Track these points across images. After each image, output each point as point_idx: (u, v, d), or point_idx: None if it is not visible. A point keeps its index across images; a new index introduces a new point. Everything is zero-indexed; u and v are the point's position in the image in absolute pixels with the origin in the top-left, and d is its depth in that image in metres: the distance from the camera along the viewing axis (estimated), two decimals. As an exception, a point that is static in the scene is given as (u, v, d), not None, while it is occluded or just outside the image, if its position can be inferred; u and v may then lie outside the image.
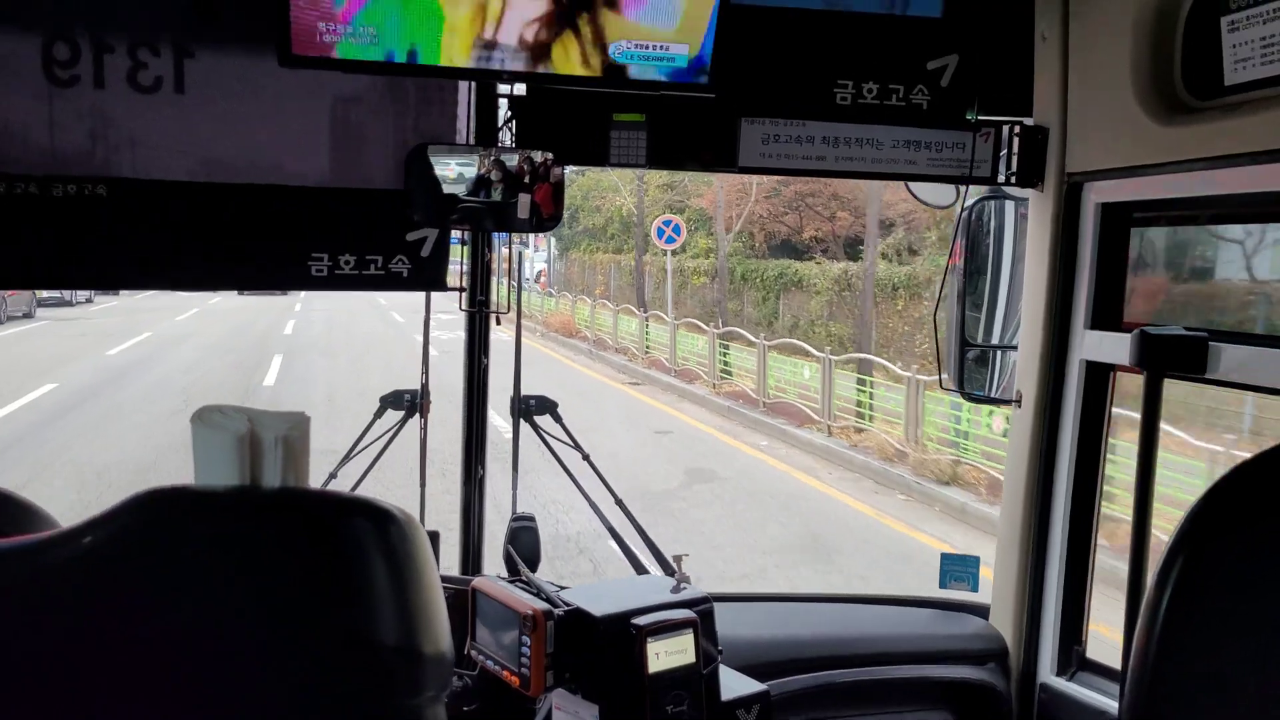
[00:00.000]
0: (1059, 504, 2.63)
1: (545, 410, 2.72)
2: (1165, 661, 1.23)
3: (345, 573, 0.86)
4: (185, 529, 0.86)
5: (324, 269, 2.52)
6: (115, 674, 0.83)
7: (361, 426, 2.68)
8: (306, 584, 0.86)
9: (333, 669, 0.86)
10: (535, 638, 1.93)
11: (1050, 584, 2.65)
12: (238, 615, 0.85)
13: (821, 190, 26.16)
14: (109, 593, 0.84)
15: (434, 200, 2.35)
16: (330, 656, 0.86)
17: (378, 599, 0.87)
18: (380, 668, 0.87)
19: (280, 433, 0.88)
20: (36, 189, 2.30)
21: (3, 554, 0.86)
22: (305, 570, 0.86)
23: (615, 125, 2.50)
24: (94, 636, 0.83)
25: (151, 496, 0.86)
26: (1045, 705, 2.65)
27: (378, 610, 0.87)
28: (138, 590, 0.84)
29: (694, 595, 2.10)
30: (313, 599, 0.86)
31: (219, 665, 0.85)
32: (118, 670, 0.83)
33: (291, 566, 0.86)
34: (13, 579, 0.84)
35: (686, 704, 1.96)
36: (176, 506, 0.87)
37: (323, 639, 0.86)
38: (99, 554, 0.84)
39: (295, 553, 0.87)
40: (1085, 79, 2.46)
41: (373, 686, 0.87)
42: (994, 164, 2.65)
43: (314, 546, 0.87)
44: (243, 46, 2.36)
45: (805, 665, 2.56)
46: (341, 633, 0.86)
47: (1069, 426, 2.59)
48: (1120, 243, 2.51)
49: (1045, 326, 2.59)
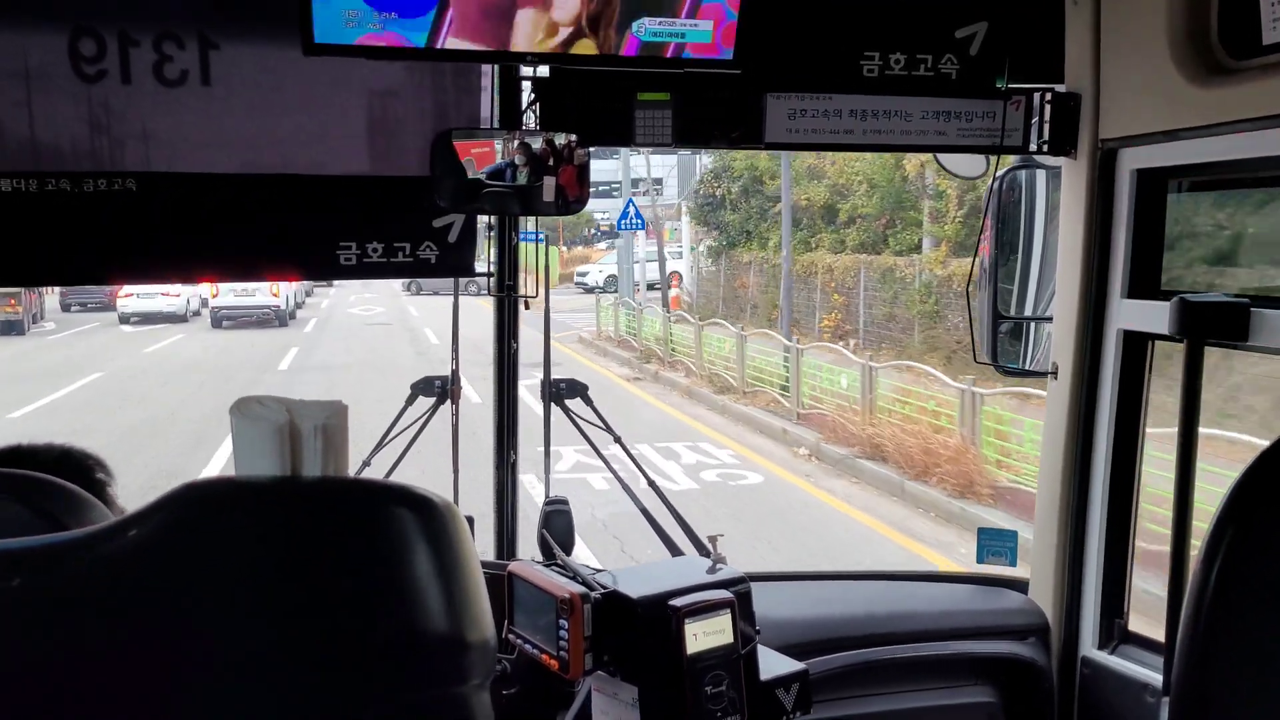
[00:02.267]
0: (1098, 475, 2.60)
1: (576, 394, 2.72)
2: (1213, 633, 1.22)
3: (388, 561, 0.86)
4: (227, 520, 0.86)
5: (352, 257, 2.53)
6: (162, 665, 0.84)
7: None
8: (349, 573, 0.86)
9: (378, 658, 0.86)
10: (573, 621, 1.94)
11: (1090, 557, 2.62)
12: (281, 605, 0.85)
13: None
14: (154, 584, 0.84)
15: (459, 186, 2.35)
16: (375, 645, 0.86)
17: (421, 587, 0.87)
18: (426, 656, 0.87)
19: (319, 422, 0.87)
20: (68, 185, 2.31)
21: (54, 549, 0.87)
22: (348, 559, 0.86)
23: (640, 105, 2.48)
24: (141, 628, 0.84)
25: (194, 488, 0.86)
26: (1087, 679, 2.63)
27: (421, 598, 0.87)
28: (182, 581, 0.84)
29: (731, 575, 2.09)
30: (356, 588, 0.86)
31: (264, 655, 0.85)
32: (164, 661, 0.84)
33: (334, 556, 0.86)
34: (63, 573, 0.85)
35: (725, 684, 1.96)
36: (219, 497, 0.87)
37: (367, 628, 0.86)
38: (144, 546, 0.84)
39: (337, 542, 0.86)
40: (1118, 42, 2.41)
41: (419, 675, 0.87)
42: (1025, 133, 2.61)
43: (356, 536, 0.87)
44: (266, 37, 2.36)
45: (844, 644, 2.55)
46: (386, 621, 0.86)
47: (1107, 397, 2.55)
48: (1157, 209, 2.46)
49: (1081, 297, 2.55)
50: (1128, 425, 2.55)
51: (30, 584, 0.84)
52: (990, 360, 2.78)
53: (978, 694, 2.69)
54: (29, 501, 1.11)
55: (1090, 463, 2.61)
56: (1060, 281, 2.64)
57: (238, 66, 2.37)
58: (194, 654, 0.84)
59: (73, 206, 2.32)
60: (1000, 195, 2.72)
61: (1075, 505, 2.63)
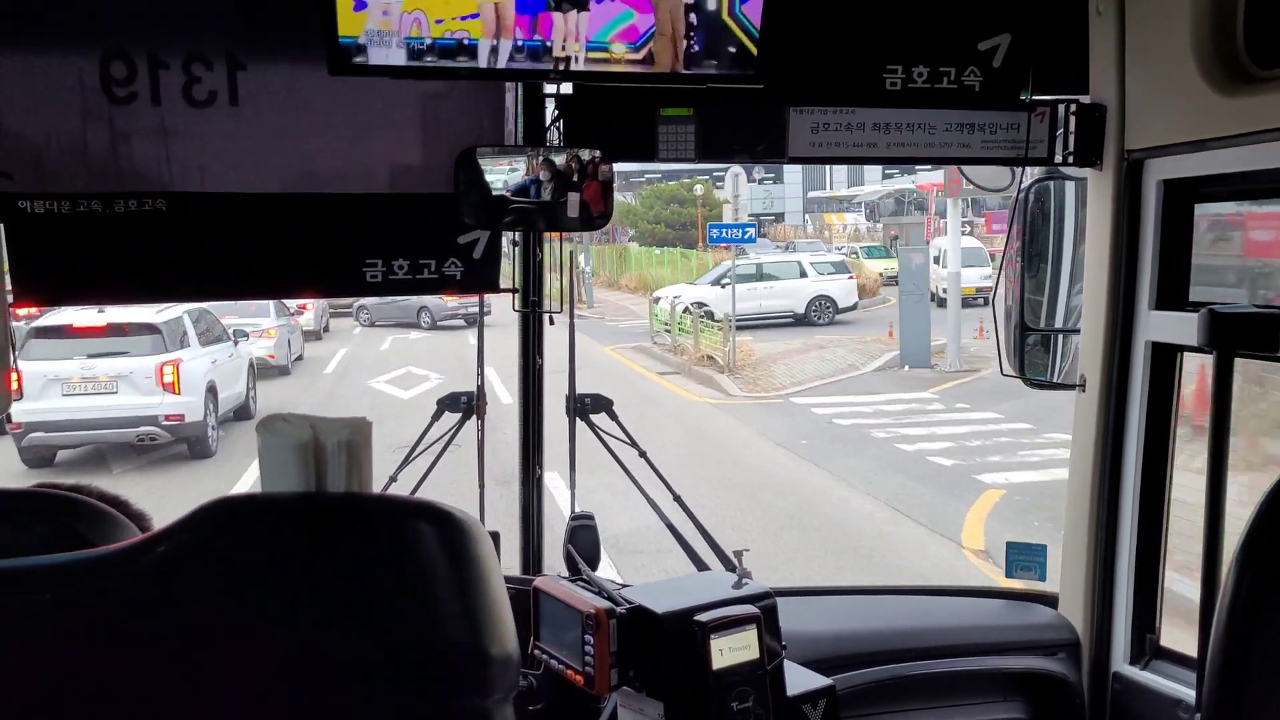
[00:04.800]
0: (1127, 489, 2.57)
1: (601, 409, 2.72)
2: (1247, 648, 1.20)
3: (411, 577, 0.87)
4: (253, 536, 0.87)
5: (378, 274, 2.55)
6: (189, 678, 0.85)
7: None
8: (373, 588, 0.87)
9: (400, 672, 0.86)
10: (598, 636, 1.93)
11: (1121, 571, 2.59)
12: (306, 620, 0.86)
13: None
14: (182, 599, 0.85)
15: (484, 202, 2.36)
16: (398, 659, 0.87)
17: (444, 602, 0.87)
18: (448, 671, 0.88)
19: (343, 438, 0.88)
20: (100, 206, 2.35)
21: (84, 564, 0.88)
22: (371, 574, 0.87)
23: (663, 120, 2.49)
24: (169, 642, 0.84)
25: (220, 505, 0.87)
26: (1119, 695, 2.60)
27: (444, 613, 0.87)
28: (209, 596, 0.85)
29: (756, 591, 2.08)
30: (379, 603, 0.87)
31: (288, 669, 0.85)
32: (191, 674, 0.85)
33: (357, 571, 0.87)
34: (93, 588, 0.86)
35: (752, 700, 1.95)
36: (245, 514, 0.88)
37: (390, 642, 0.87)
38: (172, 561, 0.85)
39: (361, 557, 0.87)
40: (1143, 52, 2.40)
41: (441, 690, 0.87)
42: (1050, 144, 2.60)
43: (380, 551, 0.87)
44: (293, 57, 2.39)
45: (871, 659, 2.53)
46: (409, 635, 0.87)
47: (1135, 410, 2.53)
48: (1184, 220, 2.45)
49: (1108, 308, 2.53)
50: (1157, 437, 2.53)
51: (60, 599, 0.85)
52: (1017, 373, 2.76)
53: (1008, 710, 2.66)
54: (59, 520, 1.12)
55: (1120, 476, 2.58)
56: (1087, 293, 2.62)
57: (265, 87, 2.40)
58: (219, 667, 0.85)
59: (104, 227, 2.35)
60: (1026, 207, 2.70)
61: (1105, 519, 2.61)
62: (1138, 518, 2.55)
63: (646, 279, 34.42)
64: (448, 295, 2.54)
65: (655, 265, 36.14)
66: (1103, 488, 2.61)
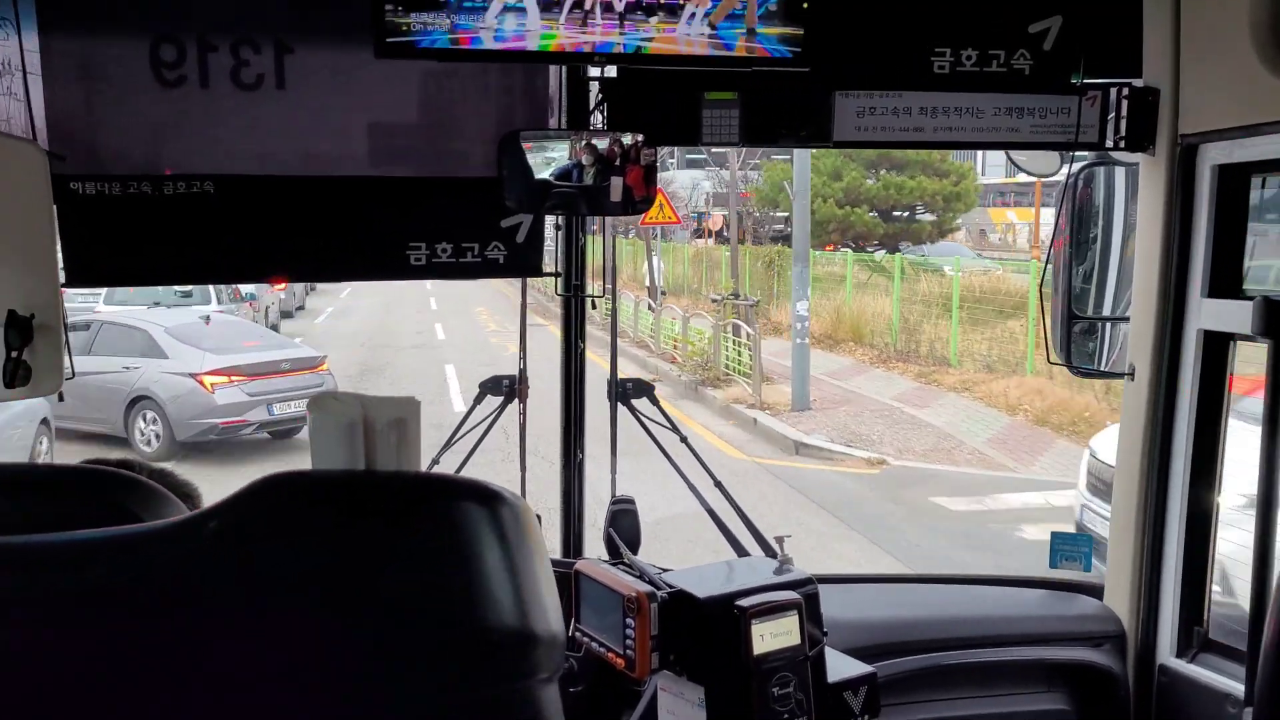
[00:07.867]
0: (1176, 479, 2.53)
1: (642, 393, 2.72)
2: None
3: (459, 555, 0.87)
4: (304, 513, 0.87)
5: (422, 257, 2.56)
6: (237, 655, 0.85)
7: None
8: (421, 567, 0.87)
9: (447, 652, 0.87)
10: (639, 620, 1.94)
11: (1169, 562, 2.56)
12: (353, 597, 0.86)
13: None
14: (231, 576, 0.86)
15: (528, 186, 2.36)
16: (445, 639, 0.87)
17: (492, 582, 0.87)
18: (495, 650, 0.88)
19: (393, 417, 0.89)
20: (149, 188, 2.38)
21: (133, 539, 0.89)
22: (420, 553, 0.87)
23: (707, 104, 2.47)
24: (217, 619, 0.85)
25: (271, 482, 0.88)
26: (1165, 688, 2.56)
27: (492, 593, 0.87)
28: (259, 573, 0.86)
29: (798, 577, 2.07)
30: (427, 581, 0.87)
31: (334, 647, 0.86)
32: (239, 651, 0.85)
33: (406, 549, 0.87)
34: (142, 564, 0.87)
35: (792, 685, 1.94)
36: (295, 491, 0.89)
37: (437, 621, 0.87)
38: (223, 538, 0.86)
39: (410, 536, 0.87)
40: (1198, 34, 2.35)
41: (488, 669, 0.88)
42: (1101, 128, 2.55)
43: (428, 529, 0.88)
44: (339, 40, 2.40)
45: (913, 647, 2.51)
46: (456, 615, 0.87)
47: (1186, 399, 2.49)
48: (1239, 206, 2.39)
49: (1159, 296, 2.49)
50: (1208, 427, 2.48)
51: (112, 573, 0.86)
52: (1064, 361, 2.72)
53: (1051, 701, 2.64)
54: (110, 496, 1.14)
55: (1169, 466, 2.54)
56: (1138, 280, 2.58)
57: (311, 70, 2.41)
58: (267, 645, 0.86)
59: (153, 209, 2.38)
60: (1075, 193, 2.66)
61: (1154, 509, 2.57)
62: (1186, 509, 2.51)
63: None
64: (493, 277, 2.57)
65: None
66: (1150, 478, 2.57)
